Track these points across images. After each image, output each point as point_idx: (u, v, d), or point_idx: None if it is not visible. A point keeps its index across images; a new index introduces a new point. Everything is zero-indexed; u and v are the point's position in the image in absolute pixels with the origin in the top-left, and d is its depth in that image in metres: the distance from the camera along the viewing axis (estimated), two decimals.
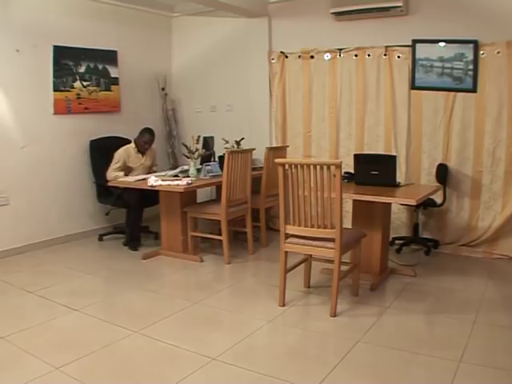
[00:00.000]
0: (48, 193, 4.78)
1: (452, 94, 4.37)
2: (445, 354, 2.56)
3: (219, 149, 4.96)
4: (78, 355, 2.57)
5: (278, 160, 3.15)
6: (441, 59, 4.38)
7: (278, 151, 4.79)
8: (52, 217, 4.82)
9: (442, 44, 4.37)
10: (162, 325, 2.99)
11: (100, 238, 5.01)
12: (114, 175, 4.62)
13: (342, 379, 2.36)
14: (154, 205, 4.66)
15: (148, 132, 4.87)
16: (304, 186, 3.03)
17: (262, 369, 2.45)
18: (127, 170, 4.78)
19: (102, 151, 4.93)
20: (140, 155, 4.90)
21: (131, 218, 4.72)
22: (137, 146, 4.86)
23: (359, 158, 3.86)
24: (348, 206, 4.14)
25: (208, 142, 4.90)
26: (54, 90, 4.74)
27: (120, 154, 4.78)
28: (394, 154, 4.40)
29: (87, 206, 5.17)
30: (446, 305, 3.28)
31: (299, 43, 5.05)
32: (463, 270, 4.08)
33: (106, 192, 4.86)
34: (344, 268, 3.26)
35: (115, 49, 5.26)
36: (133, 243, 4.65)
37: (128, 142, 4.94)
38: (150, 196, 4.49)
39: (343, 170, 3.62)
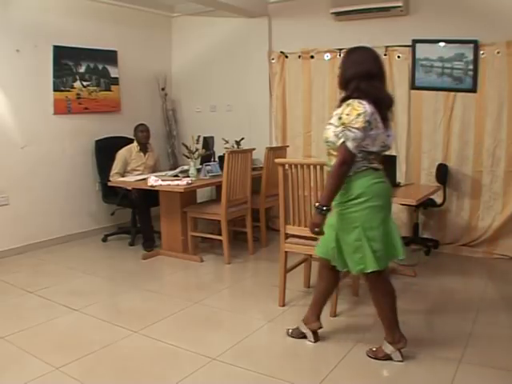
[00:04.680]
0: (48, 193, 4.78)
1: (452, 93, 4.37)
2: (445, 353, 2.56)
3: (219, 149, 4.96)
4: (77, 355, 2.57)
5: (278, 160, 3.14)
6: (441, 59, 4.38)
7: (278, 151, 4.79)
8: (52, 217, 4.82)
9: (441, 44, 4.37)
10: (162, 325, 2.99)
11: (104, 239, 4.99)
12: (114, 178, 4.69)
13: (342, 379, 2.36)
14: (159, 204, 4.66)
15: (140, 125, 4.93)
16: (304, 185, 3.03)
17: (261, 369, 2.45)
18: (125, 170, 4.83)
19: (107, 151, 4.95)
20: (142, 154, 4.92)
21: (141, 219, 4.74)
22: (138, 142, 4.89)
23: None
24: None
25: (208, 142, 4.90)
26: (54, 90, 4.74)
27: (121, 154, 4.82)
28: (394, 154, 4.40)
29: (88, 206, 5.17)
30: (446, 305, 3.28)
31: (299, 43, 5.05)
32: (463, 270, 4.08)
33: (111, 192, 4.87)
34: None
35: (115, 49, 5.26)
36: (147, 243, 4.62)
37: (133, 141, 4.96)
38: (156, 195, 4.48)
39: None
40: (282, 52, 5.18)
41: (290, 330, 2.81)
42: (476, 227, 4.41)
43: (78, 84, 4.94)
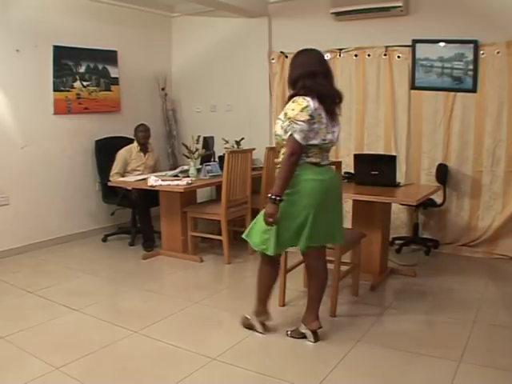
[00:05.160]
0: (48, 193, 4.78)
1: (452, 94, 4.37)
2: (445, 353, 2.56)
3: (219, 149, 4.96)
4: (78, 355, 2.57)
5: (278, 160, 3.14)
6: (441, 59, 4.38)
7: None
8: (52, 217, 4.82)
9: (442, 44, 4.37)
10: (162, 325, 2.99)
11: (104, 239, 4.99)
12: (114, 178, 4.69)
13: (342, 379, 2.36)
14: (159, 204, 4.65)
15: (140, 125, 4.93)
16: None
17: (261, 369, 2.45)
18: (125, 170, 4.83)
19: (107, 151, 4.95)
20: (142, 154, 4.92)
21: (140, 219, 4.75)
22: (138, 142, 4.89)
23: (359, 158, 3.86)
24: (348, 206, 4.13)
25: (208, 142, 4.90)
26: (54, 90, 4.74)
27: (121, 154, 4.82)
28: (394, 154, 4.40)
29: (88, 206, 5.17)
30: (445, 305, 3.28)
31: (299, 43, 4.97)
32: (463, 270, 4.08)
33: (111, 192, 4.87)
34: (344, 268, 3.26)
35: (115, 49, 5.26)
36: (147, 243, 4.62)
37: (133, 141, 4.96)
38: (156, 195, 4.48)
39: (343, 170, 3.62)
40: (282, 52, 5.18)
41: (289, 332, 2.82)
42: (476, 227, 4.41)
43: (77, 84, 4.94)
